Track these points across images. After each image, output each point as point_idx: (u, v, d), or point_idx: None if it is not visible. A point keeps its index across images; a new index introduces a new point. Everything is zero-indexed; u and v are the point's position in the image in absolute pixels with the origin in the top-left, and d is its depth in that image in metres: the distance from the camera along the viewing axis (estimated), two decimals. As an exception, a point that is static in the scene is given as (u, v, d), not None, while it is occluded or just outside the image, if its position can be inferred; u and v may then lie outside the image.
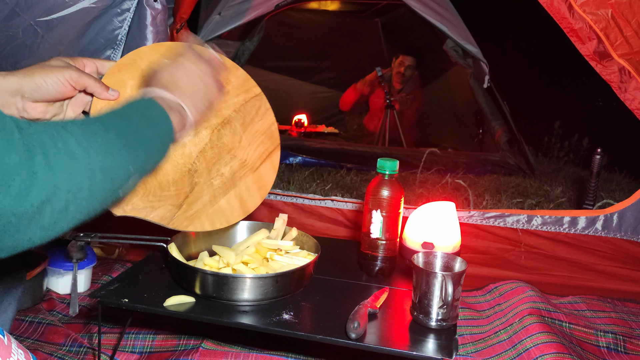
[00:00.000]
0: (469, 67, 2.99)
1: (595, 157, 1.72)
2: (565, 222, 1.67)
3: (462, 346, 1.28)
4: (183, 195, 0.87)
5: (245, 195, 0.93)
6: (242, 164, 0.93)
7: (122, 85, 0.86)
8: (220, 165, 0.91)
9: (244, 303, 0.97)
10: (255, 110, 0.97)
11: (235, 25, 2.59)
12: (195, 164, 0.89)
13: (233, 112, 0.94)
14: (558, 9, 1.51)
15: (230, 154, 0.92)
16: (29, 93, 0.79)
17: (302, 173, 2.68)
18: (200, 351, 1.15)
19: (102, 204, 0.65)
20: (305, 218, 1.80)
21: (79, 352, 1.18)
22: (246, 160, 0.94)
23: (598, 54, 1.53)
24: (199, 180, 0.89)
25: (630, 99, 1.53)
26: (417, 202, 1.90)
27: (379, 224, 1.11)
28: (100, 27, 1.62)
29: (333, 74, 4.60)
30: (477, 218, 1.68)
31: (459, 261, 0.98)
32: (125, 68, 0.88)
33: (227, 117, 0.93)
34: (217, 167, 0.91)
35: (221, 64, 0.93)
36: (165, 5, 1.68)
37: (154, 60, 0.88)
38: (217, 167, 0.91)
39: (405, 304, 1.03)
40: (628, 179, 3.14)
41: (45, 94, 0.80)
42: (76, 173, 0.59)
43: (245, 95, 0.96)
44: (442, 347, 0.88)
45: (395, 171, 1.11)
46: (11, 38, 1.47)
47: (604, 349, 1.31)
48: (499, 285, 1.54)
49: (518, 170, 3.07)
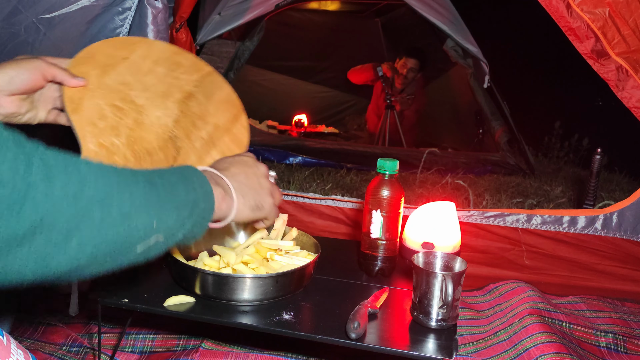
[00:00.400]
0: (469, 67, 2.99)
1: (595, 157, 1.72)
2: (565, 222, 1.67)
3: (462, 346, 1.28)
4: (172, 158, 0.94)
5: (227, 152, 1.02)
6: (215, 127, 1.03)
7: (86, 75, 0.91)
8: (197, 130, 1.00)
9: (244, 303, 0.97)
10: (211, 83, 1.08)
11: (235, 25, 2.60)
12: (174, 131, 0.97)
13: (193, 88, 1.04)
14: (556, 7, 1.52)
15: (202, 120, 1.02)
16: (3, 86, 0.81)
17: (302, 173, 2.68)
18: (200, 351, 1.15)
19: (114, 253, 0.57)
20: (305, 216, 1.80)
21: (79, 352, 1.18)
22: (218, 124, 1.03)
23: (596, 52, 1.54)
24: (182, 145, 0.96)
25: (627, 97, 1.53)
26: (417, 202, 1.90)
27: (379, 224, 1.11)
28: (102, 25, 1.63)
29: (333, 74, 4.60)
30: (477, 217, 1.68)
31: (459, 261, 0.98)
32: (85, 61, 0.94)
33: (189, 92, 1.03)
34: (195, 132, 0.99)
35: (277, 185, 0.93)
36: (166, 4, 1.68)
37: (110, 53, 0.95)
38: (194, 133, 0.99)
39: (405, 304, 1.03)
40: (628, 179, 3.14)
41: (20, 84, 0.83)
42: (83, 198, 0.52)
43: (199, 73, 1.07)
44: (442, 347, 0.88)
45: (395, 171, 1.11)
46: (13, 35, 1.47)
47: (604, 349, 1.31)
48: (499, 285, 1.54)
49: (518, 170, 3.07)
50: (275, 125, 4.04)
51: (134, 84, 0.96)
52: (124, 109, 0.92)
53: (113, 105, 0.91)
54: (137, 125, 0.92)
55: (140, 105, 0.94)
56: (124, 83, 0.94)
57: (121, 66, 0.96)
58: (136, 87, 0.96)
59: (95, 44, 0.94)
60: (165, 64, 1.02)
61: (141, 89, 0.96)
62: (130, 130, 0.91)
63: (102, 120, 0.88)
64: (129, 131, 0.91)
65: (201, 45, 2.68)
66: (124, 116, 0.91)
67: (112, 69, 0.94)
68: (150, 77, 0.98)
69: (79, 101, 0.87)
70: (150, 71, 0.99)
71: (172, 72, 1.02)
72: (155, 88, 0.98)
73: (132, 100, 0.94)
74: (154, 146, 0.93)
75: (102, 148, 0.86)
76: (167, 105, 0.98)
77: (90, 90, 0.89)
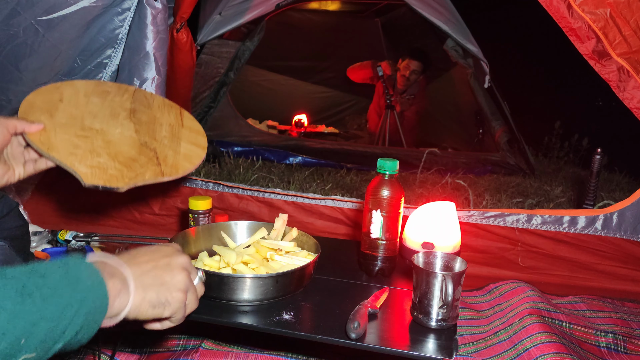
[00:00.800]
0: (470, 67, 2.99)
1: (595, 157, 1.72)
2: (565, 222, 1.67)
3: (462, 346, 1.28)
4: (154, 157, 1.05)
5: (192, 139, 1.16)
6: (170, 125, 1.16)
7: (38, 121, 0.98)
8: (158, 132, 1.13)
9: (244, 303, 0.97)
10: (143, 97, 1.21)
11: (235, 25, 2.60)
12: (141, 138, 1.08)
13: (131, 104, 1.17)
14: (557, 8, 1.52)
15: (156, 124, 1.15)
16: None
17: (302, 173, 2.68)
18: (200, 351, 1.15)
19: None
20: (305, 217, 1.80)
21: (79, 352, 1.18)
22: (170, 122, 1.17)
23: (597, 53, 1.53)
24: (155, 146, 1.08)
25: (629, 97, 1.53)
26: (417, 202, 1.90)
27: (379, 224, 1.11)
28: (101, 26, 1.63)
29: (333, 74, 4.60)
30: (477, 217, 1.68)
31: (459, 261, 0.98)
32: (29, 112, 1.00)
33: (130, 108, 1.15)
34: (158, 134, 1.12)
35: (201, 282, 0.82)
36: (166, 4, 1.68)
37: (44, 100, 1.03)
38: (158, 134, 1.12)
39: (405, 304, 1.03)
40: (628, 179, 3.14)
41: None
42: None
43: (128, 92, 1.20)
44: (442, 347, 0.88)
45: (395, 171, 1.11)
46: (12, 37, 1.47)
47: (604, 349, 1.31)
48: (499, 285, 1.54)
49: (518, 170, 3.07)
50: (275, 125, 4.04)
51: (82, 115, 1.05)
52: (88, 135, 1.01)
53: (78, 135, 1.00)
54: (108, 144, 1.02)
55: (99, 129, 1.04)
56: (74, 117, 1.03)
57: (62, 106, 1.05)
58: (86, 117, 1.05)
59: (27, 98, 1.02)
60: (95, 95, 1.13)
61: (91, 117, 1.06)
62: (105, 149, 1.00)
63: (77, 149, 0.96)
64: (105, 149, 1.00)
65: (201, 45, 2.68)
66: (92, 140, 1.01)
67: (57, 110, 1.02)
68: (91, 107, 1.09)
69: (49, 141, 0.94)
70: (88, 102, 1.09)
71: (105, 99, 1.13)
72: (102, 113, 1.09)
73: (89, 127, 1.03)
74: (133, 154, 1.03)
75: (94, 168, 0.94)
76: (121, 123, 1.10)
77: (51, 130, 0.96)
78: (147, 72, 1.66)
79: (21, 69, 1.55)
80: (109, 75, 1.74)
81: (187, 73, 2.05)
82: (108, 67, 1.72)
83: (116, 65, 1.73)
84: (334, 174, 2.74)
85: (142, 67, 1.66)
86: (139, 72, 1.66)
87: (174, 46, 1.87)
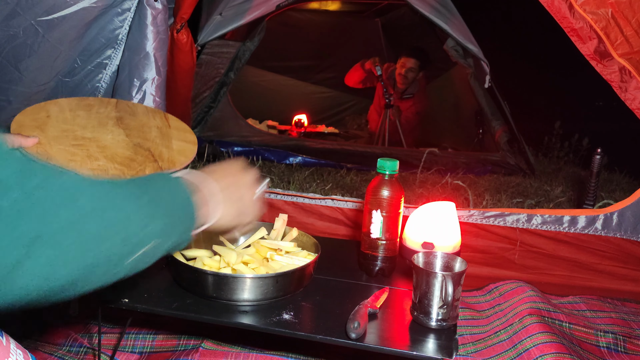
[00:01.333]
0: (470, 67, 2.99)
1: (595, 157, 1.72)
2: (565, 222, 1.67)
3: (462, 346, 1.28)
4: (149, 155, 1.09)
5: (182, 137, 1.21)
6: (158, 127, 1.21)
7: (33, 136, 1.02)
8: (149, 134, 1.17)
9: (244, 303, 0.97)
10: (126, 106, 1.27)
11: (236, 25, 2.59)
12: (133, 140, 1.12)
13: (117, 113, 1.22)
14: (559, 8, 1.51)
15: (145, 127, 1.20)
16: None
17: (302, 173, 2.68)
18: (200, 351, 1.15)
19: (110, 263, 0.59)
20: (305, 217, 1.80)
21: (79, 352, 1.19)
22: (158, 125, 1.22)
23: (598, 53, 1.53)
24: (148, 145, 1.12)
25: (630, 98, 1.53)
26: (417, 202, 1.89)
27: (379, 224, 1.11)
28: (101, 27, 1.63)
29: (333, 74, 4.59)
30: (477, 217, 1.68)
31: (459, 261, 0.98)
32: (21, 130, 1.03)
33: (116, 117, 1.21)
34: (148, 135, 1.17)
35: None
36: (166, 5, 1.68)
37: (33, 118, 1.06)
38: (148, 135, 1.17)
39: (405, 304, 1.03)
40: (628, 178, 3.14)
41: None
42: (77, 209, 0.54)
43: (110, 104, 1.25)
44: (442, 347, 0.88)
45: (395, 171, 1.11)
46: (12, 37, 1.47)
47: (604, 349, 1.31)
48: (499, 285, 1.54)
49: (518, 170, 3.07)
50: (275, 125, 4.04)
51: (72, 127, 1.09)
52: (82, 144, 1.05)
53: (72, 145, 1.04)
54: (104, 148, 1.06)
55: (91, 137, 1.08)
56: (65, 130, 1.07)
57: (50, 122, 1.09)
58: (76, 129, 1.09)
59: (15, 119, 1.06)
60: (80, 109, 1.18)
61: (81, 128, 1.10)
62: (101, 153, 1.04)
63: (75, 157, 1.00)
64: (102, 153, 1.04)
65: (202, 45, 2.68)
66: (87, 147, 1.04)
67: (47, 126, 1.06)
68: (79, 120, 1.13)
69: (46, 153, 0.98)
70: (75, 116, 1.14)
71: (90, 111, 1.18)
72: (90, 124, 1.13)
73: (82, 137, 1.07)
74: (129, 155, 1.07)
75: (95, 171, 0.98)
76: (110, 130, 1.15)
77: (46, 144, 1.01)
78: (147, 72, 1.66)
79: (21, 70, 1.55)
80: (109, 75, 1.73)
81: (188, 73, 2.05)
82: (108, 68, 1.72)
83: (116, 65, 1.73)
84: (334, 174, 2.74)
85: (142, 67, 1.66)
86: (139, 72, 1.66)
87: (174, 46, 1.87)
